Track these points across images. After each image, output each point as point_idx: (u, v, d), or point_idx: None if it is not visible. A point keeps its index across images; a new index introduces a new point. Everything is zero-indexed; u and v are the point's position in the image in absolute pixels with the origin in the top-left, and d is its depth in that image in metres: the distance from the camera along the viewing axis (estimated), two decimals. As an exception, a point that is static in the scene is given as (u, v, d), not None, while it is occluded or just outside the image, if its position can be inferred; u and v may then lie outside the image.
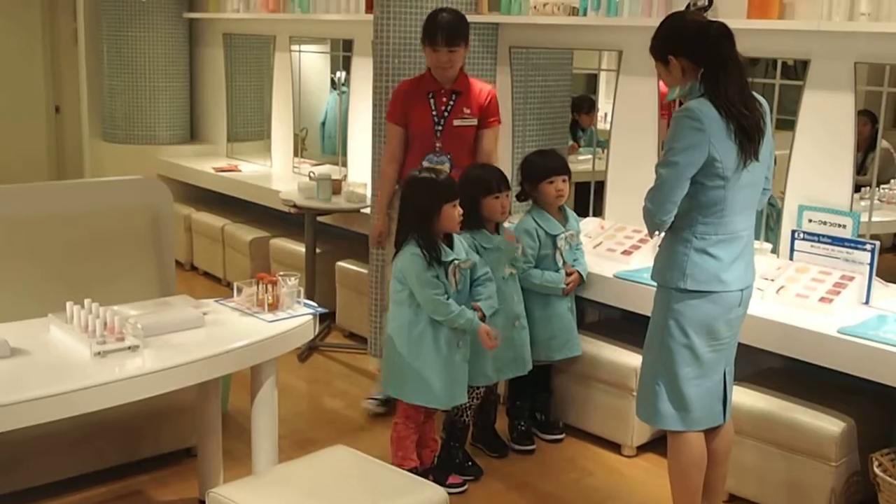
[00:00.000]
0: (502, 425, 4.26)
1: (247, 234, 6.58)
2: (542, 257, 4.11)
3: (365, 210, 5.33)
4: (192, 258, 7.31)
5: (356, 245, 5.65)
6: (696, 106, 2.93)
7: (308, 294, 5.28)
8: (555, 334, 4.13)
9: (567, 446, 4.27)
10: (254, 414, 3.26)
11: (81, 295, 3.07)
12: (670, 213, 2.99)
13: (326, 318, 5.77)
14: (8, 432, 2.57)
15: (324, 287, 5.63)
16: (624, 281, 4.12)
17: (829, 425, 3.48)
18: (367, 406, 4.54)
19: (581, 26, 4.85)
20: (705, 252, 3.02)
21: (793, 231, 4.03)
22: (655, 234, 3.17)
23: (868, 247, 3.78)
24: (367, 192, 5.31)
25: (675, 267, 3.05)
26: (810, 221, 4.00)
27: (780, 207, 4.18)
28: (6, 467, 3.47)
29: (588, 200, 5.08)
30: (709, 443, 3.23)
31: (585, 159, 5.66)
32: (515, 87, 5.25)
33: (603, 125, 5.45)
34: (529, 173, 4.14)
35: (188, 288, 6.41)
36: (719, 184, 2.95)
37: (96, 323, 2.90)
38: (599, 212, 4.98)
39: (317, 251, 5.60)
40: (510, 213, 4.04)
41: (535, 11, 4.90)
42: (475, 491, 3.85)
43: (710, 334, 3.09)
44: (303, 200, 5.49)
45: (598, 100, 5.65)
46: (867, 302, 3.76)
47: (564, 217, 4.18)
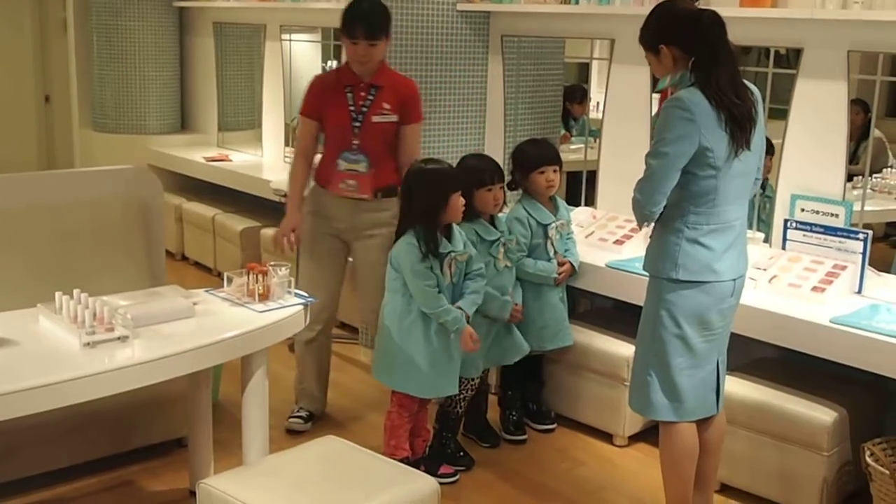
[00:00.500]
0: (494, 415, 4.25)
1: (237, 224, 6.55)
2: (534, 247, 4.09)
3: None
4: (183, 248, 7.28)
5: (347, 235, 5.61)
6: (687, 96, 2.91)
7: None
8: (547, 324, 4.13)
9: (559, 436, 4.27)
10: (244, 404, 3.24)
11: (71, 285, 3.05)
12: (659, 205, 2.98)
13: (318, 308, 5.74)
14: (1, 423, 2.55)
15: (315, 277, 5.60)
16: (616, 270, 4.11)
17: (822, 415, 3.48)
18: (290, 424, 4.19)
19: (573, 14, 4.83)
20: (697, 242, 3.01)
21: (785, 220, 4.03)
22: (645, 226, 3.16)
23: (860, 236, 3.78)
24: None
25: (667, 257, 3.04)
26: (803, 211, 4.00)
27: (774, 196, 4.18)
28: (-4, 459, 3.46)
29: (580, 190, 5.07)
30: (701, 433, 3.22)
31: (577, 149, 5.65)
32: (507, 76, 5.23)
33: (595, 114, 5.44)
34: (521, 162, 4.13)
35: (179, 278, 6.39)
36: (711, 174, 2.94)
37: (85, 313, 2.88)
38: (591, 201, 4.97)
39: (308, 241, 5.57)
40: (504, 205, 4.01)
41: (527, 0, 4.88)
42: (467, 481, 3.84)
43: (703, 324, 3.08)
44: (294, 190, 5.45)
45: (591, 89, 5.64)
46: (860, 291, 3.76)
47: (555, 207, 4.17)
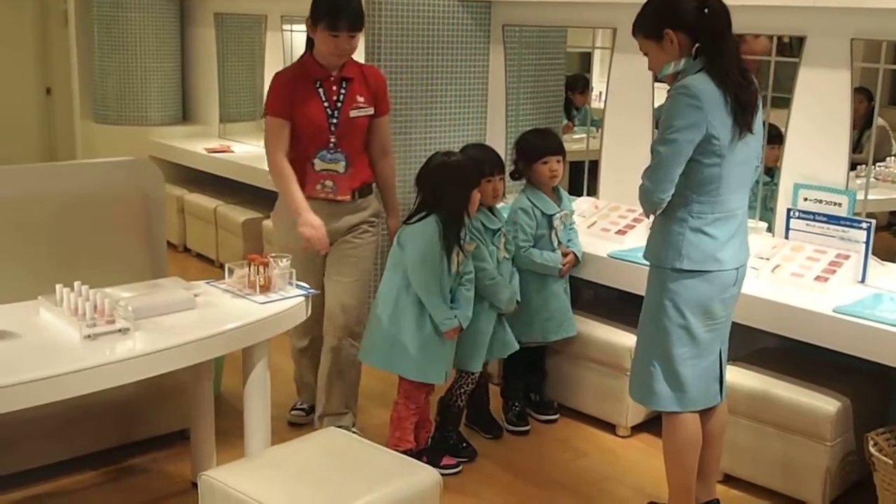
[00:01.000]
0: (497, 406, 4.25)
1: (240, 216, 6.55)
2: (539, 237, 4.08)
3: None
4: (186, 240, 7.27)
5: (349, 226, 5.60)
6: (694, 83, 2.89)
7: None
8: (552, 315, 4.11)
9: (561, 427, 4.26)
10: (246, 396, 3.23)
11: (72, 277, 3.04)
12: (668, 192, 2.96)
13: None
14: (3, 415, 2.55)
15: (317, 268, 5.59)
16: (618, 261, 4.10)
17: (825, 405, 3.47)
18: (292, 417, 4.17)
19: (575, 3, 4.81)
20: (701, 231, 2.99)
21: (788, 209, 4.01)
22: (653, 214, 3.12)
23: (864, 225, 3.77)
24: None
25: (671, 246, 3.02)
26: (806, 200, 3.98)
27: (776, 185, 4.16)
28: (1, 450, 3.45)
29: (582, 180, 5.05)
30: (703, 423, 3.21)
31: (580, 138, 5.63)
32: (509, 66, 5.21)
33: (597, 104, 5.42)
34: (524, 152, 4.11)
35: (181, 270, 6.39)
36: (715, 161, 2.92)
37: (86, 305, 2.87)
38: (594, 191, 4.95)
39: (310, 232, 5.55)
40: (503, 196, 3.99)
41: (529, -11, 4.86)
42: (469, 472, 3.84)
43: (706, 314, 3.07)
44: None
45: (593, 78, 5.61)
46: (863, 281, 3.75)
47: (558, 197, 4.15)
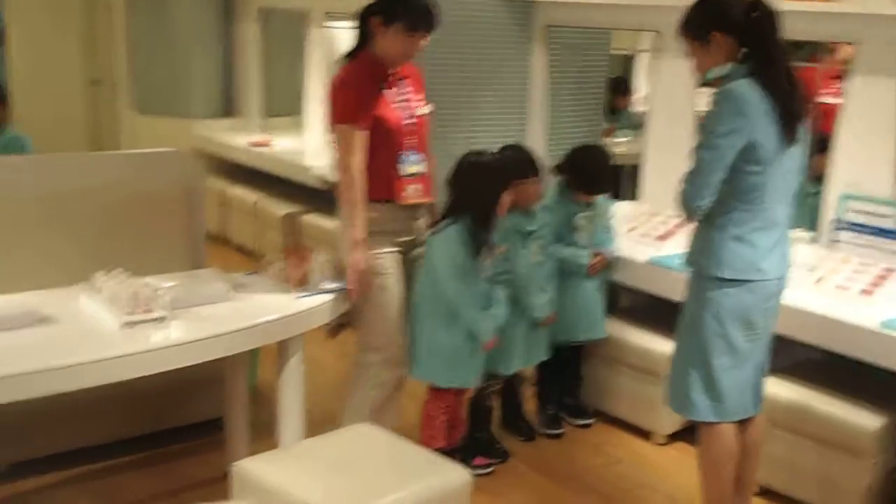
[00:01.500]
0: (531, 409, 4.22)
1: (279, 209, 6.58)
2: (560, 235, 4.04)
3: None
4: (226, 232, 7.31)
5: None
6: (739, 88, 2.84)
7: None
8: (578, 315, 4.07)
9: (596, 432, 4.22)
10: (280, 389, 3.24)
11: (113, 266, 3.08)
12: (707, 199, 2.91)
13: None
14: (43, 398, 2.59)
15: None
16: (658, 266, 4.06)
17: (868, 420, 3.41)
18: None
19: (619, 5, 4.76)
20: (743, 240, 2.94)
21: (834, 220, 3.95)
22: (692, 220, 3.07)
23: (912, 237, 3.70)
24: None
25: (711, 254, 2.98)
26: (852, 211, 3.91)
27: (822, 195, 4.10)
28: (37, 432, 3.50)
29: (623, 184, 5.00)
30: (741, 434, 3.16)
31: (621, 142, 5.59)
32: (551, 67, 5.17)
33: (639, 107, 5.38)
34: (577, 175, 4.07)
35: (222, 261, 6.40)
36: (758, 169, 2.87)
37: (124, 294, 2.89)
38: (634, 195, 4.91)
39: (348, 228, 5.56)
40: (540, 199, 3.94)
41: (574, -10, 4.83)
42: (501, 473, 3.82)
43: (746, 324, 3.02)
44: (335, 176, 5.44)
45: (635, 81, 5.57)
46: (910, 295, 3.67)
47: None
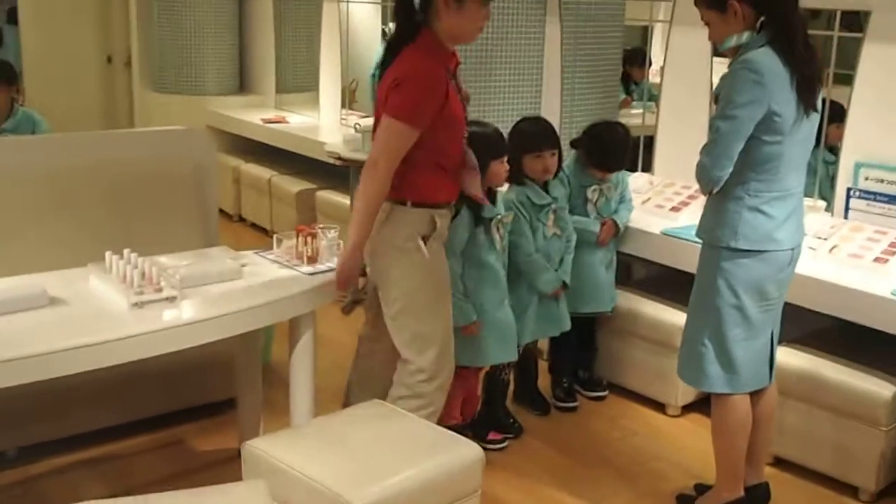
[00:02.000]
0: (545, 383, 4.22)
1: (293, 186, 6.57)
2: (574, 206, 4.02)
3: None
4: (240, 209, 7.32)
5: (401, 198, 5.59)
6: (757, 58, 2.80)
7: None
8: (583, 286, 4.03)
9: (610, 404, 4.22)
10: (292, 367, 3.23)
11: (125, 245, 3.06)
12: (726, 169, 2.88)
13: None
14: (51, 380, 2.57)
15: (369, 240, 5.59)
16: (672, 238, 4.03)
17: (881, 389, 3.39)
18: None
19: (633, -25, 4.72)
20: (758, 210, 2.92)
21: (848, 189, 3.91)
22: (710, 192, 3.03)
23: (926, 206, 3.66)
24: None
25: (727, 225, 2.95)
26: (867, 179, 3.88)
27: (837, 163, 4.06)
28: (50, 415, 3.51)
29: (638, 155, 4.97)
30: (753, 405, 3.15)
31: (637, 113, 5.54)
32: (565, 39, 5.13)
33: (655, 79, 5.33)
34: (591, 147, 4.03)
35: (235, 238, 6.44)
36: (777, 139, 2.84)
37: (134, 273, 2.89)
38: (649, 167, 4.87)
39: (362, 204, 5.55)
40: (559, 172, 3.91)
41: (587, -40, 4.77)
42: (516, 448, 3.82)
43: (761, 294, 3.00)
44: (348, 153, 5.44)
45: (651, 52, 5.51)
46: (923, 264, 3.64)
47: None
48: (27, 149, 3.85)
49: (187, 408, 3.88)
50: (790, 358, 3.56)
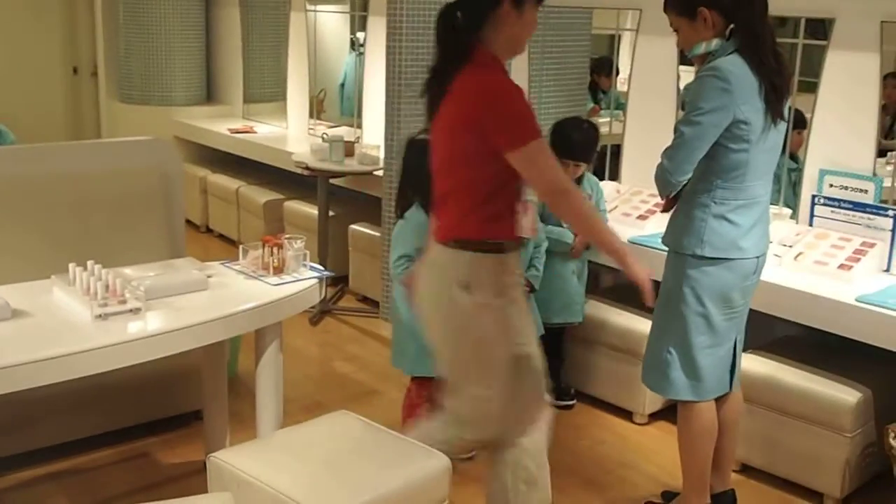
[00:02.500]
0: (513, 391, 4.21)
1: (261, 197, 6.54)
2: (548, 216, 4.03)
3: (378, 172, 5.27)
4: (208, 220, 7.28)
5: (369, 208, 5.59)
6: (725, 66, 2.81)
7: (321, 257, 5.27)
8: (554, 296, 4.05)
9: (578, 413, 4.22)
10: (258, 378, 3.21)
11: (91, 256, 3.04)
12: (686, 174, 2.90)
13: (340, 282, 5.73)
14: (15, 393, 2.54)
15: (337, 250, 5.59)
16: (638, 246, 4.04)
17: (845, 395, 3.41)
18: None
19: (599, -15, 4.75)
20: (724, 218, 2.93)
21: (813, 196, 3.94)
22: (666, 196, 3.05)
23: (890, 213, 3.70)
24: (381, 155, 5.24)
25: (692, 233, 2.97)
26: (831, 186, 3.91)
27: (802, 171, 4.09)
28: (14, 428, 3.46)
29: (605, 164, 4.99)
30: (718, 412, 3.16)
31: (604, 122, 5.56)
32: (532, 49, 5.15)
33: (623, 87, 5.35)
34: (557, 144, 4.03)
35: (203, 249, 6.40)
36: (744, 147, 2.86)
37: (98, 285, 2.86)
38: (616, 175, 4.89)
39: (330, 214, 5.55)
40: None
41: (553, -30, 4.79)
42: (485, 458, 3.79)
43: (726, 302, 3.01)
44: (315, 162, 5.43)
45: (619, 61, 5.54)
46: (888, 269, 3.68)
47: (578, 180, 4.09)
48: (-9, 160, 3.80)
49: (153, 420, 3.85)
50: (756, 365, 3.58)
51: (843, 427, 3.39)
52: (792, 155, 4.17)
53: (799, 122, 4.07)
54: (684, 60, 4.33)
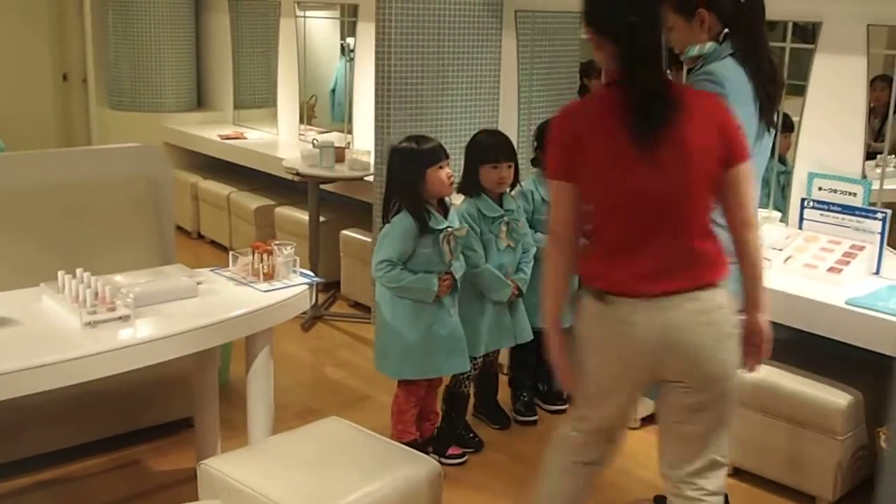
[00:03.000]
0: (504, 397, 4.21)
1: (252, 203, 6.53)
2: (537, 221, 4.04)
3: (368, 178, 5.27)
4: (199, 226, 7.27)
5: (360, 213, 5.59)
6: (721, 70, 2.75)
7: (312, 263, 5.27)
8: (539, 302, 4.04)
9: (570, 417, 4.22)
10: (249, 385, 3.21)
11: (80, 264, 3.04)
12: None
13: (332, 288, 5.73)
14: (4, 401, 2.54)
15: (328, 256, 5.58)
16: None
17: (836, 398, 3.41)
18: None
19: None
20: (714, 222, 2.93)
21: (802, 199, 3.95)
22: None
23: (879, 215, 3.70)
24: (371, 161, 5.24)
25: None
26: (820, 189, 3.91)
27: (791, 174, 4.10)
28: (3, 436, 3.45)
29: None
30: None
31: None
32: (521, 52, 5.15)
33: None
34: (543, 139, 4.06)
35: (194, 256, 6.40)
36: None
37: (87, 293, 2.86)
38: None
39: (321, 220, 5.55)
40: (516, 185, 3.93)
41: (542, -26, 4.80)
42: (475, 462, 3.81)
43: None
44: (305, 168, 5.43)
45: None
46: (877, 272, 3.68)
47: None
48: (-21, 168, 3.79)
49: (143, 428, 3.84)
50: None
51: (835, 430, 3.39)
52: (780, 158, 4.18)
53: (786, 126, 4.08)
54: (674, 61, 4.33)
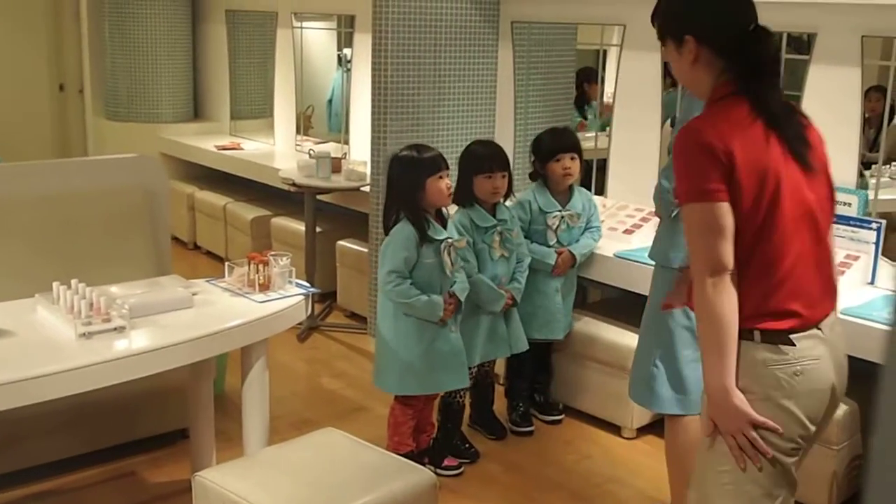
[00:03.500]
0: (501, 407, 4.21)
1: (248, 213, 6.53)
2: (534, 232, 4.04)
3: (365, 188, 5.27)
4: (195, 237, 7.26)
5: (356, 224, 5.59)
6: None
7: (308, 273, 5.26)
8: (535, 312, 4.06)
9: (566, 428, 4.22)
10: (244, 395, 3.21)
11: (77, 274, 3.03)
12: None
13: (328, 298, 5.72)
14: (0, 413, 2.53)
15: (324, 266, 5.58)
16: (624, 260, 4.05)
17: (832, 408, 3.41)
18: None
19: (583, 0, 4.76)
20: None
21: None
22: (669, 217, 3.03)
23: (874, 226, 3.70)
24: (367, 171, 5.24)
25: (679, 247, 2.96)
26: (815, 199, 3.91)
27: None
28: (0, 448, 3.44)
29: (591, 178, 5.00)
30: (705, 426, 3.15)
31: (589, 137, 5.58)
32: (517, 63, 5.17)
33: (609, 101, 5.37)
34: (538, 151, 4.07)
35: (190, 266, 6.39)
36: None
37: (82, 304, 2.85)
38: (602, 190, 4.90)
39: (317, 230, 5.55)
40: (509, 195, 3.94)
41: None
42: (472, 473, 3.80)
43: (712, 315, 3.00)
44: (302, 179, 5.43)
45: (604, 77, 5.56)
46: (872, 282, 3.69)
47: (569, 197, 4.10)
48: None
49: (139, 439, 3.82)
50: (743, 378, 3.58)
51: (830, 440, 3.39)
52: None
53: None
54: (669, 74, 4.35)
